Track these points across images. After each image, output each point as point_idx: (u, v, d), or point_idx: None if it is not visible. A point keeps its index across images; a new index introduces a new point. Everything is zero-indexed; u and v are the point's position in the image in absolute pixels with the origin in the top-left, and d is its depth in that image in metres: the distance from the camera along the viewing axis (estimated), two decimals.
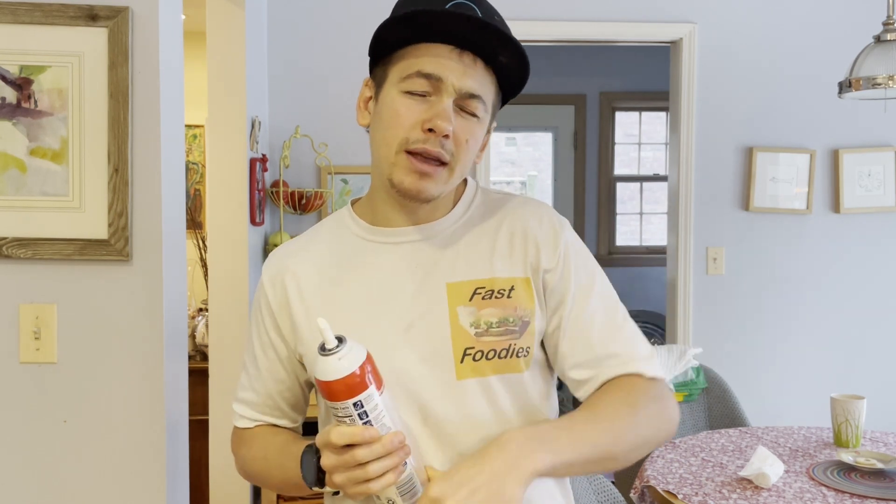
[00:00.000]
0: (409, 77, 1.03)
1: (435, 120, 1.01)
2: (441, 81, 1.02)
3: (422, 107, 1.02)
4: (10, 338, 1.60)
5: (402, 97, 1.03)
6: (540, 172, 5.80)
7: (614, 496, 2.20)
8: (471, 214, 1.13)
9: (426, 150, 1.02)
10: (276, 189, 3.12)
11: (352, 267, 1.11)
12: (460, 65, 1.02)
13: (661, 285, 5.07)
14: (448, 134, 1.01)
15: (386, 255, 1.10)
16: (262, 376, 1.17)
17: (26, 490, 1.61)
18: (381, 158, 1.06)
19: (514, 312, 1.07)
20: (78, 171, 1.59)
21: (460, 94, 1.03)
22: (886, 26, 2.41)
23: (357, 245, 1.12)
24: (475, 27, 1.00)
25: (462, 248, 1.10)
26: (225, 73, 2.81)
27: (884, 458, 2.16)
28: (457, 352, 1.05)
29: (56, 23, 1.57)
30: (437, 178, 1.04)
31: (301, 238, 1.19)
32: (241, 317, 2.82)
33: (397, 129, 1.03)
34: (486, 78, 1.05)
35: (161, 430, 1.63)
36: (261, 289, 1.16)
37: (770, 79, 3.52)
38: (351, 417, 0.93)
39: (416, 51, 1.03)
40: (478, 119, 1.05)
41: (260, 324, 1.16)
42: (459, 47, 1.02)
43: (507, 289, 1.08)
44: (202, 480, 2.91)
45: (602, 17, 3.44)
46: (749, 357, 3.57)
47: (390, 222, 1.11)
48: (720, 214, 3.54)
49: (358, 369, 0.92)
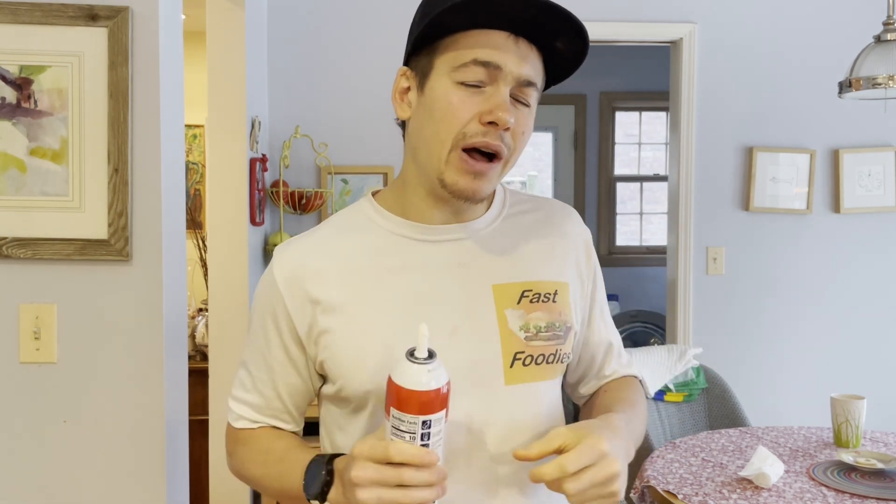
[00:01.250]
0: (465, 66, 0.95)
1: (496, 112, 0.95)
2: (500, 70, 0.95)
3: (477, 98, 0.96)
4: (10, 338, 1.60)
5: (456, 88, 0.96)
6: (540, 172, 5.79)
7: None
8: (506, 214, 1.10)
9: (487, 144, 0.96)
10: (276, 189, 3.12)
11: (387, 265, 1.03)
12: (517, 51, 0.96)
13: (661, 285, 5.07)
14: (510, 126, 0.96)
15: (426, 254, 1.03)
16: (272, 380, 1.09)
17: (26, 490, 1.61)
18: (431, 155, 0.99)
19: (560, 317, 1.05)
20: (78, 171, 1.59)
21: (518, 81, 0.97)
22: (886, 26, 2.41)
23: (390, 241, 1.04)
24: (538, 10, 0.93)
25: (504, 249, 1.06)
26: (225, 73, 2.81)
27: (884, 458, 2.16)
28: (506, 356, 1.01)
29: (56, 23, 1.57)
30: (491, 175, 0.99)
31: (316, 233, 1.09)
32: (241, 317, 2.82)
33: (453, 122, 0.96)
34: (539, 65, 1.00)
35: (161, 430, 1.63)
36: (273, 288, 1.05)
37: (770, 79, 3.52)
38: (413, 435, 0.86)
39: (469, 38, 0.96)
40: (530, 109, 1.00)
41: (271, 326, 1.06)
42: (515, 34, 0.96)
43: (552, 293, 1.05)
44: (202, 480, 2.91)
45: (602, 17, 3.44)
46: (749, 357, 3.57)
47: (426, 219, 1.04)
48: (720, 214, 3.54)
49: (444, 387, 0.86)
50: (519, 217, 1.10)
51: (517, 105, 0.98)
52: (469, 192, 0.98)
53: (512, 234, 1.08)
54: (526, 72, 0.97)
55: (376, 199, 1.10)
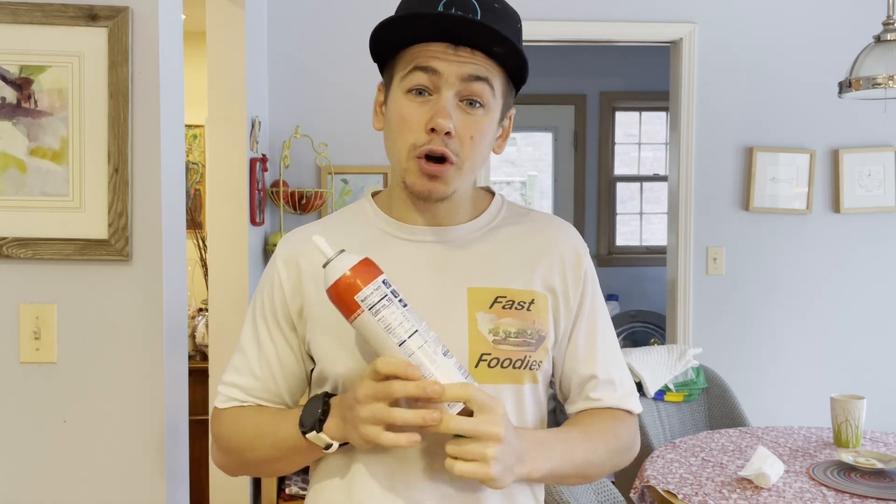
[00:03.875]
0: (409, 74, 1.03)
1: (435, 118, 1.01)
2: (439, 75, 1.01)
3: (425, 107, 1.02)
4: (10, 338, 1.60)
5: (406, 99, 1.03)
6: (540, 172, 5.79)
7: (614, 496, 2.20)
8: (495, 225, 1.14)
9: (431, 150, 1.01)
10: (276, 189, 3.12)
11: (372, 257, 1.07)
12: (456, 56, 1.02)
13: (661, 285, 5.07)
14: (449, 131, 1.01)
15: (407, 251, 1.10)
16: (266, 360, 1.12)
17: (26, 490, 1.61)
18: (395, 162, 1.07)
19: (533, 325, 1.08)
20: (78, 171, 1.59)
21: (462, 79, 1.02)
22: (886, 26, 2.41)
23: (378, 236, 1.12)
24: (464, 24, 0.99)
25: (485, 256, 1.11)
26: (225, 73, 2.81)
27: (884, 458, 2.16)
28: (472, 356, 1.05)
29: (56, 23, 1.57)
30: (445, 177, 1.03)
31: (318, 223, 1.17)
32: (241, 317, 2.82)
33: (406, 133, 1.03)
34: (490, 63, 1.03)
35: (161, 430, 1.63)
36: (272, 268, 1.13)
37: (770, 79, 3.52)
38: (387, 297, 0.94)
39: (413, 50, 1.03)
40: (484, 109, 1.04)
41: (268, 306, 1.12)
42: (454, 43, 1.02)
43: (527, 301, 1.09)
44: (202, 480, 2.91)
45: (602, 17, 3.44)
46: (749, 357, 3.57)
47: (408, 220, 1.11)
48: (720, 214, 3.54)
49: (367, 258, 0.95)
50: (507, 227, 1.15)
51: (468, 109, 1.03)
52: (426, 192, 1.04)
53: (495, 243, 1.12)
54: (468, 69, 1.01)
55: (375, 198, 1.17)
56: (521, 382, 1.09)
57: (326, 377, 1.09)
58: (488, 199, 1.17)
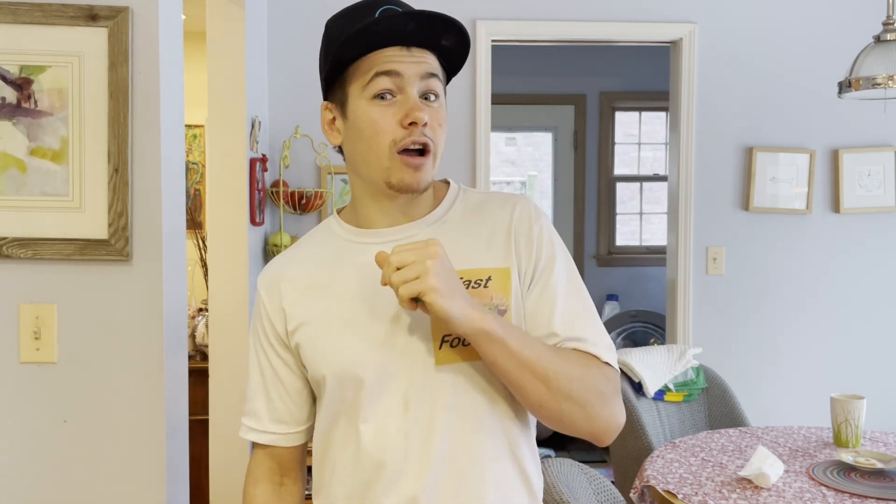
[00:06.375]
0: (371, 81, 1.10)
1: (412, 113, 1.09)
2: (401, 76, 1.10)
3: (393, 109, 1.10)
4: (10, 338, 1.60)
5: (372, 105, 1.11)
6: (540, 172, 5.79)
7: (614, 496, 2.20)
8: (451, 213, 1.20)
9: (415, 142, 1.10)
10: (276, 189, 3.12)
11: (338, 268, 1.17)
12: (411, 57, 1.11)
13: (661, 285, 5.07)
14: (426, 122, 1.10)
15: (369, 255, 1.12)
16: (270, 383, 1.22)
17: (26, 490, 1.61)
18: (372, 166, 1.13)
19: (491, 301, 1.12)
20: (78, 171, 1.59)
21: (421, 77, 1.11)
22: (886, 26, 2.41)
23: (343, 247, 1.19)
24: (415, 23, 1.08)
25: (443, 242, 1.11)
26: (225, 73, 2.81)
27: (884, 458, 2.16)
28: (436, 338, 1.10)
29: (56, 23, 1.57)
30: (426, 167, 1.12)
31: (293, 248, 1.26)
32: (241, 317, 2.82)
33: (381, 135, 1.10)
34: (436, 61, 1.14)
35: (161, 430, 1.63)
36: (257, 299, 1.23)
37: (770, 79, 3.52)
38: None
39: (368, 60, 1.11)
40: (439, 101, 1.14)
41: (259, 332, 1.22)
42: (406, 45, 1.10)
43: (483, 279, 1.13)
44: (202, 480, 2.91)
45: (602, 17, 3.44)
46: (749, 357, 3.57)
47: (373, 224, 1.18)
48: (720, 214, 3.54)
49: None
50: (461, 213, 1.20)
51: (428, 102, 1.12)
52: (414, 184, 1.12)
53: (452, 230, 1.17)
54: (424, 68, 1.11)
55: (340, 214, 1.25)
56: None
57: (322, 375, 1.15)
58: (445, 190, 1.23)
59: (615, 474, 2.78)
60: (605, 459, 4.64)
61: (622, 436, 2.66)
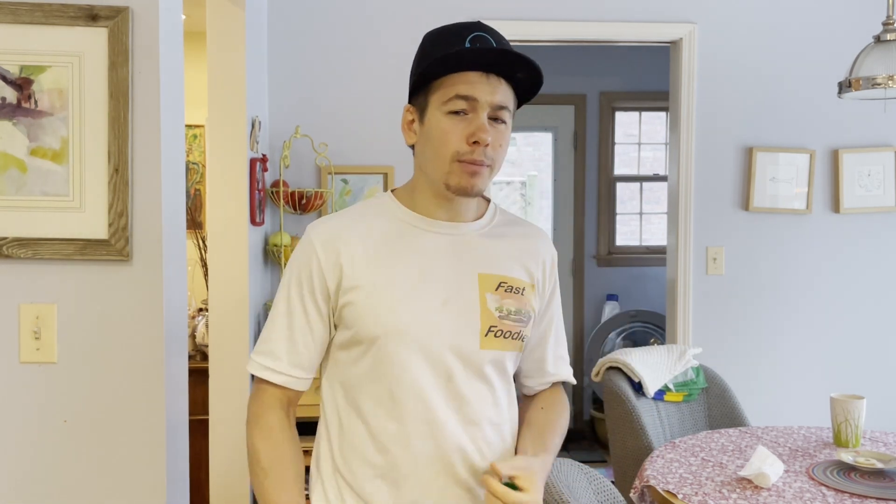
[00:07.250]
0: (450, 100, 1.27)
1: (477, 133, 1.26)
2: (476, 101, 1.27)
3: (463, 124, 1.27)
4: (10, 338, 1.60)
5: (447, 118, 1.28)
6: (540, 172, 5.79)
7: (614, 496, 2.20)
8: (494, 224, 1.41)
9: (474, 160, 1.27)
10: (276, 189, 3.12)
11: (398, 246, 1.33)
12: (488, 85, 1.27)
13: (661, 285, 5.07)
14: (489, 143, 1.27)
15: (428, 241, 1.34)
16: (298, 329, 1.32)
17: (27, 490, 1.61)
18: (436, 168, 1.30)
19: (525, 307, 1.38)
20: (78, 171, 1.59)
21: (492, 106, 1.28)
22: (886, 26, 2.41)
23: (402, 229, 1.35)
24: (495, 56, 1.26)
25: (489, 249, 1.37)
26: (225, 73, 2.81)
27: (884, 458, 2.16)
28: (484, 326, 1.32)
29: (56, 23, 1.57)
30: (482, 175, 1.30)
31: (344, 215, 1.38)
32: (242, 317, 2.82)
33: (448, 144, 1.28)
34: (508, 90, 1.31)
35: (161, 430, 1.63)
36: (310, 246, 1.32)
37: (770, 79, 3.53)
38: None
39: (452, 79, 1.28)
40: (506, 125, 1.32)
41: (304, 280, 1.32)
42: (486, 72, 1.27)
43: (521, 288, 1.38)
44: (202, 480, 2.91)
45: (602, 17, 3.44)
46: (749, 357, 3.57)
47: (431, 214, 1.35)
48: (720, 214, 3.54)
49: None
50: (503, 228, 1.43)
51: (495, 124, 1.29)
52: (469, 187, 1.30)
53: (496, 239, 1.40)
54: (497, 99, 1.28)
55: (395, 194, 1.40)
56: (515, 350, 1.38)
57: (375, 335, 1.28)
58: (486, 204, 1.43)
59: (615, 474, 2.78)
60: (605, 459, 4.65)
61: (622, 436, 2.66)
